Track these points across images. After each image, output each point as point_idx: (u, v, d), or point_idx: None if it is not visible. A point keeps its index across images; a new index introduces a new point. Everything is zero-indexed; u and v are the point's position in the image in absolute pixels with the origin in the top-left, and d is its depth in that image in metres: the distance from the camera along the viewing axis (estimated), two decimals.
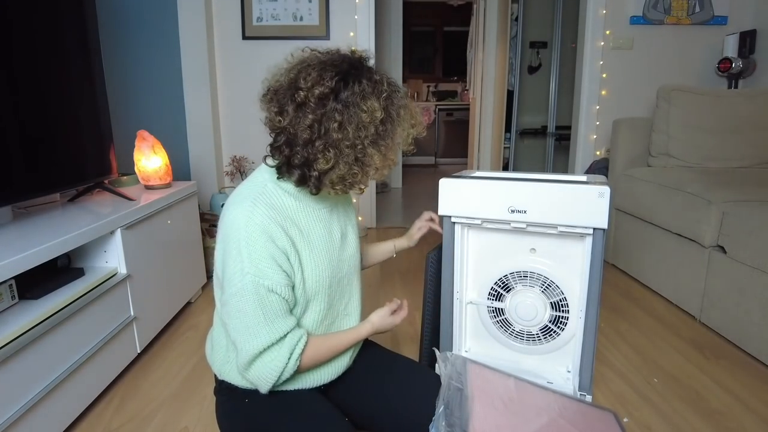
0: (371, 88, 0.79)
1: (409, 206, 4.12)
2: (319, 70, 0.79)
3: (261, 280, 0.78)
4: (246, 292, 0.79)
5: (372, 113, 0.78)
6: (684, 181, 1.93)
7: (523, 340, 1.26)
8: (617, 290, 2.14)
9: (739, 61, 2.68)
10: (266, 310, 0.80)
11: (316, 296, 0.88)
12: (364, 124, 0.78)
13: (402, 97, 0.84)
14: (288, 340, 0.82)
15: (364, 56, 0.86)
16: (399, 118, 0.84)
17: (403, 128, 0.86)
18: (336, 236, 0.93)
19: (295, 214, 0.86)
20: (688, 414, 1.27)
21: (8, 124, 1.23)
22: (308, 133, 0.78)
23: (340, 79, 0.78)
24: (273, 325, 0.80)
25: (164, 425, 1.23)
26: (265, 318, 0.80)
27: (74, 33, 1.52)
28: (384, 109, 0.80)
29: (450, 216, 1.21)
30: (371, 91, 0.79)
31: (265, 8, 2.77)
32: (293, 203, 0.86)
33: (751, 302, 1.54)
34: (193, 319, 1.84)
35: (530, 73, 4.12)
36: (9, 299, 1.10)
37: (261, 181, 0.87)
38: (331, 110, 0.77)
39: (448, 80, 6.84)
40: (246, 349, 0.80)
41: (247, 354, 0.80)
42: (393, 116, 0.82)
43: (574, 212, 1.07)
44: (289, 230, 0.83)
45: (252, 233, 0.79)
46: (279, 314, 0.81)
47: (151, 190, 1.78)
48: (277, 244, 0.80)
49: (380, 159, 0.83)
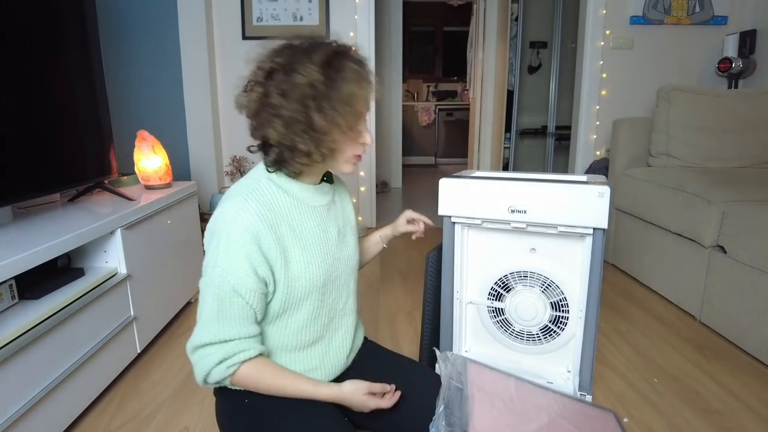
0: (312, 53, 0.80)
1: (409, 206, 4.09)
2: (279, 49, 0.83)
3: (228, 278, 0.78)
4: (211, 284, 0.79)
5: (309, 75, 0.78)
6: (684, 181, 1.93)
7: (523, 340, 1.26)
8: (617, 290, 2.14)
9: (739, 61, 2.68)
10: (222, 309, 0.79)
11: (309, 295, 0.87)
12: (301, 87, 0.78)
13: (349, 62, 0.83)
14: (229, 346, 0.79)
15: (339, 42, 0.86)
16: (343, 79, 0.81)
17: (352, 87, 0.82)
18: (332, 235, 0.92)
19: (288, 212, 0.86)
20: (688, 414, 1.27)
21: (8, 124, 1.23)
22: (256, 105, 0.82)
23: (290, 53, 0.81)
24: (222, 326, 0.79)
25: (164, 425, 1.23)
26: (218, 316, 0.79)
27: (74, 33, 1.52)
28: (323, 71, 0.79)
29: (450, 216, 1.21)
30: (310, 55, 0.80)
31: (265, 8, 2.77)
32: (287, 200, 0.86)
33: (751, 302, 1.54)
34: (193, 319, 1.84)
35: (530, 73, 4.12)
36: (9, 299, 1.10)
37: (256, 176, 0.88)
38: (276, 81, 0.80)
39: (448, 80, 6.84)
40: (195, 335, 0.80)
41: (193, 340, 0.80)
42: (335, 76, 0.80)
43: (574, 212, 1.07)
44: (280, 229, 0.83)
45: (236, 230, 0.78)
46: (234, 317, 0.79)
47: (151, 190, 1.78)
48: (261, 248, 0.79)
49: (336, 130, 0.82)
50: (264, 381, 0.82)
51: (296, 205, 0.87)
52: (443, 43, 6.73)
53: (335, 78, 0.80)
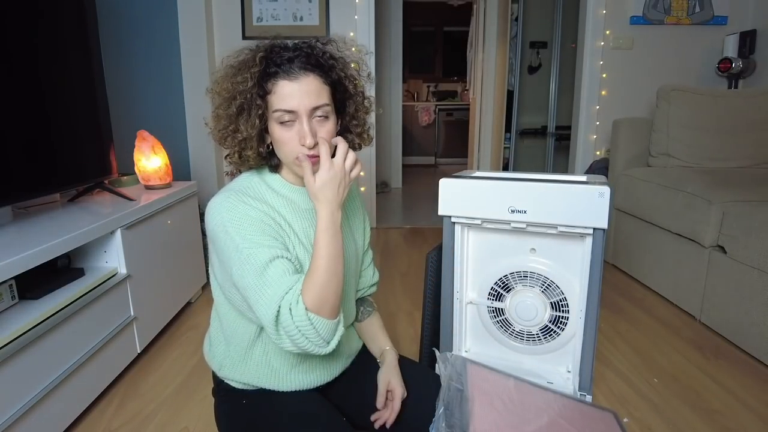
0: (237, 69, 0.85)
1: (409, 206, 4.12)
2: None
3: (255, 253, 0.77)
4: (245, 268, 0.76)
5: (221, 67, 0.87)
6: (684, 181, 1.93)
7: (523, 340, 1.26)
8: (617, 290, 2.14)
9: (739, 61, 2.68)
10: (265, 281, 0.76)
11: None
12: (212, 93, 0.87)
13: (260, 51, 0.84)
14: (285, 299, 0.75)
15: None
16: (231, 67, 0.86)
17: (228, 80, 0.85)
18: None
19: (280, 208, 0.86)
20: (688, 414, 1.27)
21: (8, 124, 1.23)
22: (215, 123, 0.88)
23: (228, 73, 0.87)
24: (273, 291, 0.75)
25: (164, 425, 1.23)
26: (264, 286, 0.76)
27: (74, 33, 1.52)
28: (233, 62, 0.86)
29: (450, 216, 1.21)
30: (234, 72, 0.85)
31: (265, 8, 2.77)
32: (277, 199, 0.87)
33: (751, 302, 1.54)
34: (193, 319, 1.84)
35: (530, 73, 4.12)
36: (9, 299, 1.10)
37: (246, 176, 0.89)
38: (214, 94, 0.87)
39: (448, 80, 6.84)
40: (265, 316, 0.75)
41: (267, 322, 0.75)
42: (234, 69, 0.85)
43: (574, 212, 1.07)
44: (276, 219, 0.84)
45: (237, 215, 0.80)
46: (276, 279, 0.76)
47: (151, 190, 1.78)
48: (262, 219, 0.81)
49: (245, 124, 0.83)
50: (321, 280, 0.76)
51: (286, 203, 0.87)
52: (443, 43, 6.73)
53: (235, 76, 0.84)
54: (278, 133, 0.82)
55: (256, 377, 0.90)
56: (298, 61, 0.81)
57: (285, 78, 0.80)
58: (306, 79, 0.80)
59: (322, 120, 0.82)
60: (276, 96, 0.81)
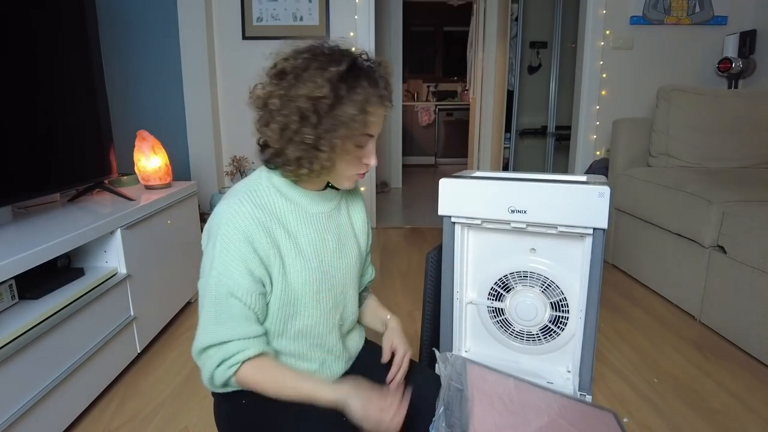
0: (330, 64, 0.77)
1: (409, 206, 4.12)
2: (301, 50, 0.80)
3: (224, 280, 0.78)
4: (208, 287, 0.79)
5: (316, 88, 0.75)
6: (684, 181, 1.93)
7: (523, 340, 1.26)
8: (617, 290, 2.14)
9: (739, 61, 2.68)
10: (219, 311, 0.78)
11: (304, 300, 0.86)
12: (304, 98, 0.76)
13: (365, 82, 0.78)
14: (228, 347, 0.79)
15: (366, 54, 0.83)
16: (350, 101, 0.77)
17: (356, 111, 0.77)
18: (330, 243, 0.90)
19: (283, 215, 0.85)
20: (688, 414, 1.27)
21: (8, 124, 1.23)
22: (260, 103, 0.81)
23: (308, 57, 0.78)
24: (220, 328, 0.79)
25: (164, 425, 1.23)
26: (216, 319, 0.79)
27: (74, 33, 1.52)
28: (331, 87, 0.76)
29: (450, 216, 1.21)
30: (327, 66, 0.77)
31: (265, 8, 2.77)
32: (283, 204, 0.85)
33: (751, 302, 1.54)
34: (193, 319, 1.84)
35: (530, 73, 4.12)
36: (9, 299, 1.10)
37: (256, 177, 0.87)
38: (283, 84, 0.78)
39: (448, 80, 6.84)
40: (196, 339, 0.81)
41: (195, 344, 0.81)
42: (342, 96, 0.76)
43: (574, 212, 1.07)
44: (275, 232, 0.82)
45: (230, 232, 0.78)
46: (232, 318, 0.79)
47: (151, 190, 1.78)
48: (256, 249, 0.79)
49: (330, 150, 0.79)
50: (265, 381, 0.81)
51: (293, 209, 0.86)
52: (443, 43, 6.73)
53: (343, 97, 0.76)
54: (353, 151, 0.83)
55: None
56: (390, 88, 0.84)
57: (382, 106, 0.82)
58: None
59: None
60: (371, 119, 0.82)
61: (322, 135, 0.77)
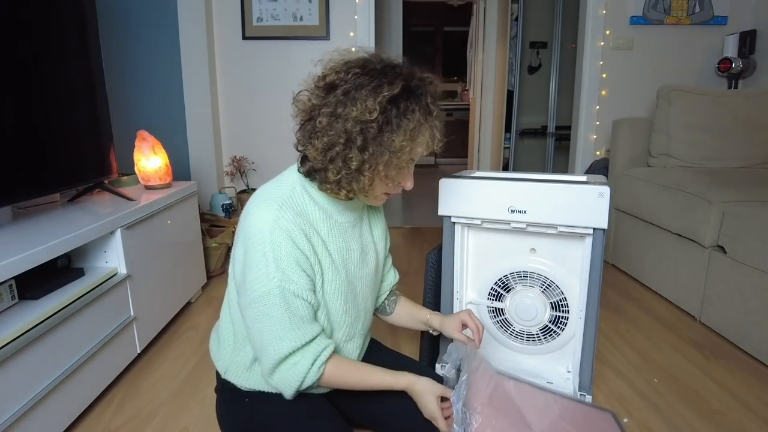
0: (382, 85, 0.73)
1: (409, 206, 4.12)
2: (352, 63, 0.78)
3: (287, 285, 0.77)
4: (272, 296, 0.77)
5: (366, 110, 0.72)
6: (684, 181, 1.93)
7: (523, 340, 1.26)
8: (617, 290, 2.14)
9: (739, 61, 2.68)
10: (292, 315, 0.78)
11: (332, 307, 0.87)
12: (353, 119, 0.73)
13: (417, 108, 0.76)
14: (314, 345, 0.80)
15: (417, 73, 0.80)
16: (400, 128, 0.74)
17: (405, 140, 0.75)
18: (354, 251, 0.91)
19: (317, 223, 0.84)
20: (688, 414, 1.27)
21: (8, 124, 1.23)
22: (306, 116, 0.79)
23: (359, 73, 0.75)
24: (299, 330, 0.79)
25: (164, 425, 1.23)
26: (291, 322, 0.78)
27: (74, 33, 1.52)
28: (382, 110, 0.73)
29: (450, 216, 1.21)
30: (379, 86, 0.73)
31: (265, 8, 2.77)
32: (316, 212, 0.85)
33: (751, 302, 1.54)
34: (193, 319, 1.84)
35: (530, 73, 4.12)
36: (9, 299, 1.10)
37: (290, 183, 0.85)
38: (332, 99, 0.75)
39: (448, 80, 6.84)
40: (271, 352, 0.79)
41: (271, 358, 0.79)
42: (392, 122, 0.74)
43: (574, 212, 1.07)
44: (312, 239, 0.82)
45: (277, 237, 0.77)
46: (305, 319, 0.79)
47: (151, 190, 1.78)
48: (301, 249, 0.79)
49: (374, 174, 0.77)
50: (349, 375, 0.83)
51: (324, 218, 0.86)
52: (443, 43, 6.73)
53: (393, 122, 0.74)
54: (394, 177, 0.82)
55: (260, 384, 0.91)
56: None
57: (430, 132, 0.80)
58: None
59: None
60: (418, 148, 0.81)
61: (367, 159, 0.75)
